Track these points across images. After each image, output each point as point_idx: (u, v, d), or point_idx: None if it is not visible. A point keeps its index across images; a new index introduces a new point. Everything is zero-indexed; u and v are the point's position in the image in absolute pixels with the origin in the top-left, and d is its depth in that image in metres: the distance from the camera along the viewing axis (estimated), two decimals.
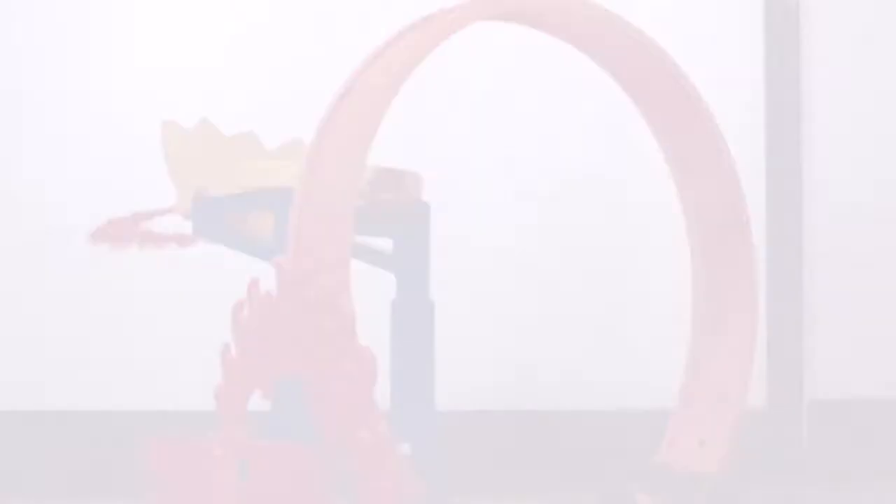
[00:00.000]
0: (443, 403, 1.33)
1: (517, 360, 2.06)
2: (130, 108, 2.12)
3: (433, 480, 1.24)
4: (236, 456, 1.02)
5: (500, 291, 2.07)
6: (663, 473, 1.20)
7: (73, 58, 2.15)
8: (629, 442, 1.35)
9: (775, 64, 2.12)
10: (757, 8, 2.12)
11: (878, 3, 2.15)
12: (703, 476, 1.25)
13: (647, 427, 1.35)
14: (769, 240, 2.07)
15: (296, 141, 1.44)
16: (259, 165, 1.38)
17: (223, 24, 2.06)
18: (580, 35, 1.23)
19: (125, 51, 2.16)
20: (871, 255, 2.13)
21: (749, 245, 1.32)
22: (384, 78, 1.09)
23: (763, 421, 2.03)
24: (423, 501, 1.08)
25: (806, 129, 2.12)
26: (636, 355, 2.05)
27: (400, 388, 1.31)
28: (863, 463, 2.06)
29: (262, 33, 2.13)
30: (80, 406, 2.07)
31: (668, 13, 2.01)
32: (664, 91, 1.27)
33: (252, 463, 1.15)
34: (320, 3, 2.10)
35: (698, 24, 2.09)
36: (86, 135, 2.14)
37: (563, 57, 1.33)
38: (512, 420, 2.05)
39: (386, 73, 1.10)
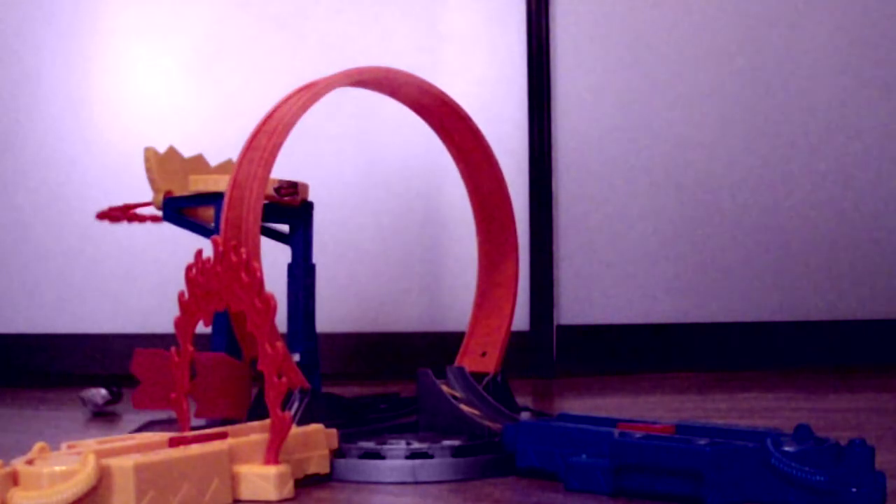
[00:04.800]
0: (319, 328, 1.34)
1: (365, 298, 2.06)
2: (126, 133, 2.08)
3: (312, 378, 1.26)
4: (188, 362, 1.02)
5: (353, 257, 2.07)
6: (457, 371, 1.20)
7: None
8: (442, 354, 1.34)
9: (534, 95, 2.13)
10: (522, 66, 2.12)
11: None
12: (484, 374, 1.25)
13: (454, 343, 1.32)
14: (531, 213, 2.09)
15: (228, 161, 1.45)
16: (205, 177, 1.38)
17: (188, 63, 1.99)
18: (400, 93, 1.23)
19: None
20: (605, 224, 2.15)
21: (511, 217, 1.29)
22: (280, 123, 1.10)
23: (527, 339, 2.06)
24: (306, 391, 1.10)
25: (555, 134, 2.14)
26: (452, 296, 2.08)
27: (292, 319, 1.32)
28: (593, 370, 2.09)
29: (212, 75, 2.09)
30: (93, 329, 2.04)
31: (458, 73, 2.03)
32: (456, 127, 1.27)
33: (198, 367, 1.16)
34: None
35: (478, 76, 2.10)
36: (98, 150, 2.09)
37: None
38: (365, 338, 2.06)
39: (281, 120, 1.10)
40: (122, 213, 1.54)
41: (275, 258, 1.33)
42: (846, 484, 0.86)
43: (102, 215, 1.54)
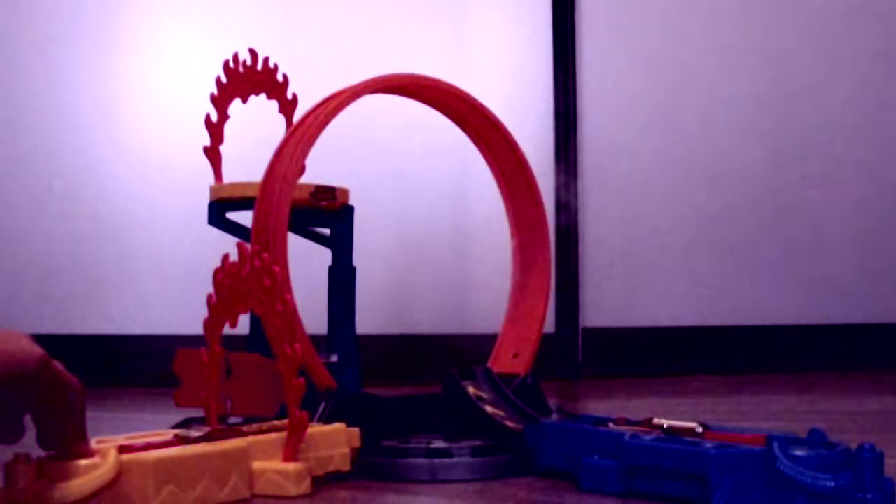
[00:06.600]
0: (359, 328, 1.36)
1: (395, 300, 2.08)
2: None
3: (350, 378, 1.28)
4: (216, 363, 1.05)
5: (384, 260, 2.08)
6: (484, 372, 1.21)
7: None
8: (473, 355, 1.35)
9: (560, 96, 2.13)
10: (547, 65, 2.13)
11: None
12: (514, 376, 1.26)
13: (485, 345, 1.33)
14: (557, 216, 2.09)
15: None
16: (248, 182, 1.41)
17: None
18: (429, 99, 1.24)
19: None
20: (630, 227, 2.15)
21: (544, 222, 1.31)
22: (308, 131, 1.13)
23: (552, 342, 2.06)
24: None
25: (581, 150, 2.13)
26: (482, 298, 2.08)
27: (332, 320, 1.34)
28: (618, 372, 2.09)
29: None
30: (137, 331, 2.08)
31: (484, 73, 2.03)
32: (489, 133, 1.28)
33: (234, 367, 1.19)
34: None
35: (504, 76, 2.10)
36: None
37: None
38: (396, 340, 2.08)
39: (309, 128, 1.13)
40: None
41: (317, 261, 1.37)
42: (854, 490, 0.86)
43: None
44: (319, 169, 1.28)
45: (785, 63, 2.22)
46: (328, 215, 1.36)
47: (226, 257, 1.03)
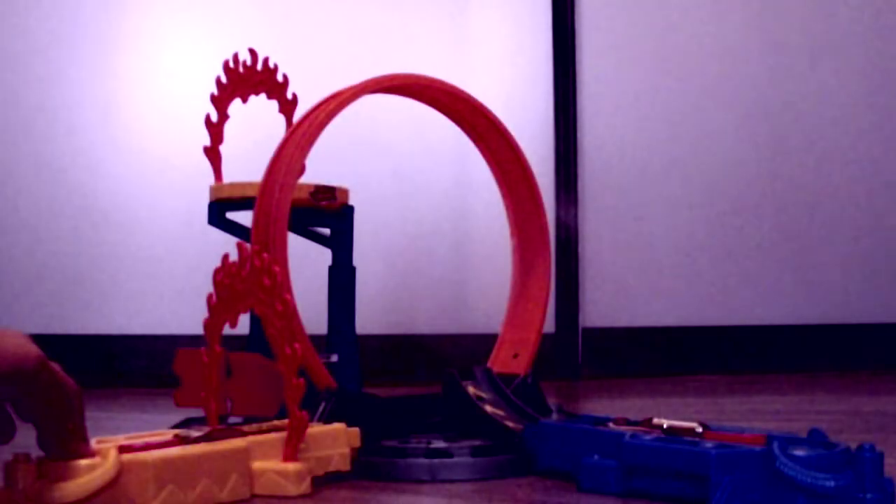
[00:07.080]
0: (359, 328, 1.36)
1: (394, 301, 2.08)
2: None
3: (350, 378, 1.28)
4: (216, 363, 1.05)
5: (383, 260, 2.08)
6: (484, 372, 1.21)
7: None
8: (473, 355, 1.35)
9: (560, 97, 2.13)
10: (548, 68, 2.13)
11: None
12: (514, 376, 1.26)
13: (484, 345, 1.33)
14: (557, 217, 2.09)
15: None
16: (249, 182, 1.41)
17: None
18: (430, 99, 1.24)
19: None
20: (630, 228, 2.15)
21: (544, 223, 1.31)
22: (307, 131, 1.13)
23: (552, 342, 2.06)
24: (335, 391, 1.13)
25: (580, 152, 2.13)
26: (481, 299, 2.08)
27: (332, 320, 1.35)
28: (617, 372, 2.09)
29: None
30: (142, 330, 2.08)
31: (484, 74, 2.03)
32: (489, 133, 1.28)
33: (234, 367, 1.19)
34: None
35: (505, 78, 2.10)
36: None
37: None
38: (396, 340, 2.07)
39: (308, 128, 1.14)
40: None
41: (317, 260, 1.37)
42: (854, 490, 0.86)
43: None
44: (319, 169, 1.29)
45: (785, 66, 2.22)
46: (328, 215, 1.36)
47: (226, 257, 1.03)
